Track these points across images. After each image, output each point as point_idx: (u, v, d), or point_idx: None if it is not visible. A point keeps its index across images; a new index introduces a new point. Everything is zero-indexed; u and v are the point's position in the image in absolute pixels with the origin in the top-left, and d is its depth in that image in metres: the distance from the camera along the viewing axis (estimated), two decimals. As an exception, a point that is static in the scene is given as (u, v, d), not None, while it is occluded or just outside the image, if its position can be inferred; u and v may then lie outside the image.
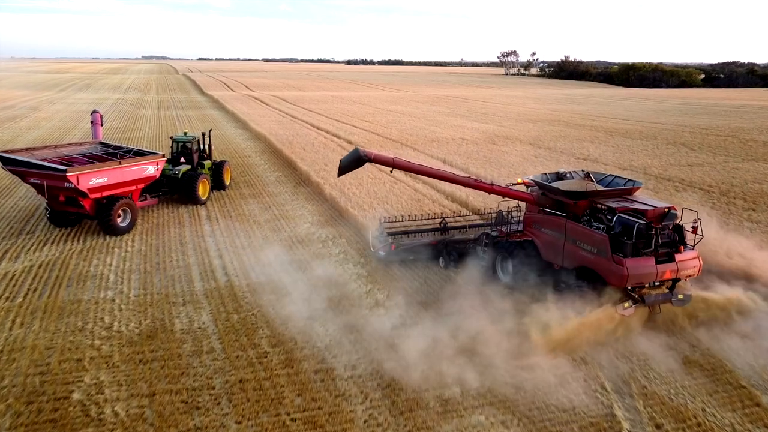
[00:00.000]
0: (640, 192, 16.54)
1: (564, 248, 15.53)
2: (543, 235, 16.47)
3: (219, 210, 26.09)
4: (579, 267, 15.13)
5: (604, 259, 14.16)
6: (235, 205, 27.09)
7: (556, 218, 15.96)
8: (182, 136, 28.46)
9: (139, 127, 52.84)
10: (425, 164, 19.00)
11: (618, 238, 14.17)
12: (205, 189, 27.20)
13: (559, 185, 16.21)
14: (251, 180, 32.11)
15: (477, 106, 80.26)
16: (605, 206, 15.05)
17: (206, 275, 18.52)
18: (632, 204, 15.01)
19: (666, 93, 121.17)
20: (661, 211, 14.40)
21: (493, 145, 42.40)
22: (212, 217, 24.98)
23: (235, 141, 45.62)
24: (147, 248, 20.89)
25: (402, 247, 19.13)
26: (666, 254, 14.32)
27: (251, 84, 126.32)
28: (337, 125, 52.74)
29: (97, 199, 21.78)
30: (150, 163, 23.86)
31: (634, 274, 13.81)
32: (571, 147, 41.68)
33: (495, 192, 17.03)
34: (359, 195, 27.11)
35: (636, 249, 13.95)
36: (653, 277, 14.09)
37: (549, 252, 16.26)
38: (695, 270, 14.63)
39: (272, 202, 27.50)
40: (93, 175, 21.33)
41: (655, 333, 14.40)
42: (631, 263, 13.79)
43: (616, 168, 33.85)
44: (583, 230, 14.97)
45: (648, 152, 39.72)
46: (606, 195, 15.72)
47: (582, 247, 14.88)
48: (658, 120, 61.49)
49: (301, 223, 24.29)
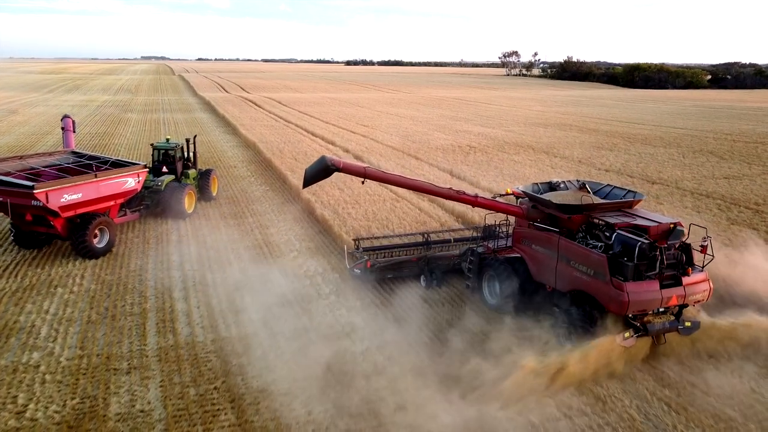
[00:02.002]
0: (642, 204, 14.91)
1: (557, 268, 13.87)
2: (534, 253, 14.75)
3: (193, 233, 22.45)
4: (574, 290, 13.46)
5: (602, 283, 12.56)
6: (212, 226, 23.45)
7: (547, 234, 14.30)
8: (164, 143, 25.43)
9: (121, 132, 49.10)
10: (401, 174, 16.28)
11: (617, 259, 12.56)
12: (191, 201, 24.41)
13: (551, 197, 14.56)
14: (235, 195, 28.45)
15: (481, 108, 76.65)
16: (603, 222, 13.54)
17: (164, 327, 14.88)
18: (633, 219, 13.44)
19: (674, 94, 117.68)
20: (665, 228, 12.87)
21: (503, 153, 38.74)
22: (184, 242, 21.33)
23: (221, 148, 41.92)
24: (98, 287, 17.24)
25: (379, 264, 17.27)
26: (672, 277, 12.71)
27: (247, 85, 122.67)
28: (334, 131, 49.07)
29: (70, 217, 19.05)
30: (130, 175, 21.04)
31: (636, 300, 12.19)
32: (589, 156, 38.03)
33: (479, 205, 15.09)
34: (355, 216, 23.48)
35: (638, 271, 12.40)
36: (657, 304, 12.46)
37: (540, 272, 14.56)
38: (705, 294, 12.98)
39: (255, 224, 23.85)
40: (64, 191, 18.50)
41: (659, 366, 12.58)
42: (632, 288, 12.21)
43: (644, 182, 30.23)
44: (577, 249, 13.33)
45: (675, 162, 36.07)
46: (603, 209, 14.08)
47: (577, 267, 13.24)
48: (675, 124, 57.88)
49: (287, 251, 20.68)
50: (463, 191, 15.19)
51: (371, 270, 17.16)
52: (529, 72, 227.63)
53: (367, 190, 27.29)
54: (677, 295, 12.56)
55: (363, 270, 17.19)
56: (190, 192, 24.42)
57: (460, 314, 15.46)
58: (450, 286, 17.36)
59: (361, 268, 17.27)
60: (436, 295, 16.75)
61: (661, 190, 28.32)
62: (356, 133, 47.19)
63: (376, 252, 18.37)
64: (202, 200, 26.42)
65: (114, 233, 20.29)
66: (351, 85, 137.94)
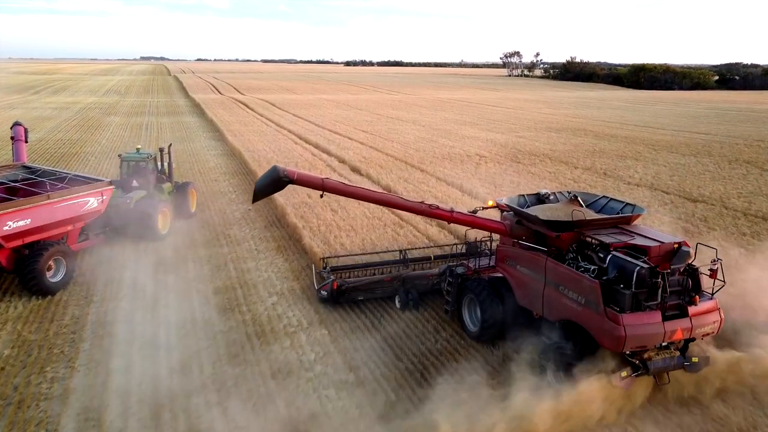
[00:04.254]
0: (640, 220, 13.49)
1: (544, 294, 12.27)
2: (519, 275, 13.18)
3: (154, 267, 18.43)
4: (563, 320, 11.78)
5: (595, 314, 10.94)
6: (179, 259, 19.44)
7: (533, 254, 12.72)
8: (134, 154, 22.10)
9: (96, 138, 44.93)
10: (364, 187, 14.36)
11: (612, 286, 10.91)
12: (165, 220, 21.25)
13: (538, 212, 13.01)
14: (211, 216, 24.40)
15: (486, 111, 72.67)
16: (596, 241, 11.90)
17: (87, 421, 10.88)
18: (631, 238, 11.84)
19: (683, 96, 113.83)
20: (668, 248, 11.29)
21: (518, 164, 34.69)
22: (139, 283, 17.30)
23: (203, 158, 37.79)
24: (13, 352, 13.22)
25: (347, 285, 15.70)
26: (676, 307, 11.11)
27: (241, 86, 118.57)
28: (329, 137, 45.01)
29: (17, 248, 16.14)
30: (92, 194, 18.09)
31: (634, 335, 10.54)
32: (614, 167, 34.01)
33: (455, 221, 13.50)
34: (350, 246, 19.50)
35: (636, 301, 10.79)
36: (659, 339, 10.82)
37: (525, 296, 13.02)
38: (715, 326, 11.33)
39: (231, 256, 19.83)
40: (9, 216, 15.58)
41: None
42: (630, 320, 10.58)
43: (683, 200, 26.25)
44: (566, 272, 11.73)
45: (712, 174, 32.07)
46: (597, 225, 12.54)
47: (566, 294, 11.65)
48: (697, 129, 53.91)
49: (267, 295, 16.70)
50: (437, 205, 13.27)
51: (338, 292, 15.50)
52: (531, 72, 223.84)
53: (365, 213, 23.28)
54: (682, 328, 10.87)
55: (329, 292, 15.54)
56: (164, 210, 21.18)
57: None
58: (429, 309, 15.37)
59: (327, 290, 15.62)
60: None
61: (707, 211, 24.31)
62: (354, 140, 43.14)
63: (347, 271, 16.81)
64: (179, 218, 22.94)
65: (73, 264, 17.13)
66: (350, 86, 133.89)
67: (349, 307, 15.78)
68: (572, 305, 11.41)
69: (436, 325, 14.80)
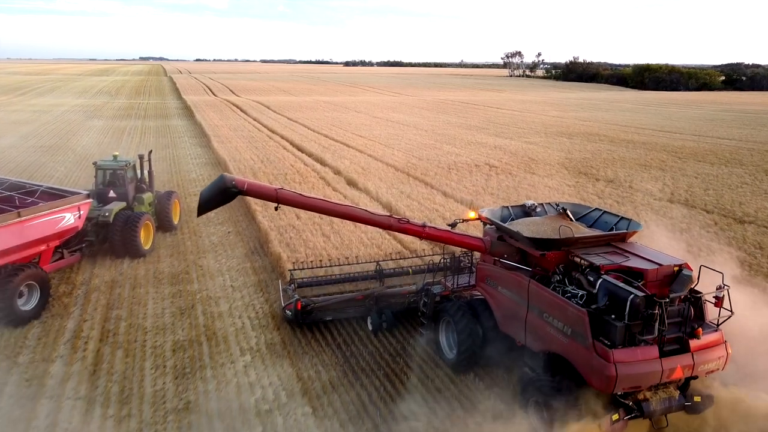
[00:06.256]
0: (636, 236, 11.53)
1: (527, 320, 10.75)
2: (499, 297, 11.76)
3: (102, 313, 15.12)
4: (547, 352, 10.20)
5: (582, 348, 9.28)
6: (136, 298, 16.15)
7: (516, 275, 11.24)
8: (111, 162, 20.23)
9: (71, 145, 41.38)
10: (325, 198, 12.54)
11: (602, 316, 9.25)
12: (148, 234, 19.51)
13: (521, 227, 11.64)
14: (183, 240, 21.04)
15: (491, 114, 69.32)
16: (586, 262, 10.23)
17: None
18: (626, 259, 10.22)
19: (692, 97, 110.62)
20: (667, 272, 9.66)
21: (532, 175, 31.30)
22: (80, 337, 13.99)
23: (185, 168, 34.36)
24: None
25: (313, 304, 14.15)
26: (676, 340, 9.38)
27: (237, 87, 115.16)
28: (325, 143, 41.60)
29: None
30: (68, 209, 16.19)
31: (627, 375, 8.89)
32: (639, 178, 30.65)
33: (429, 237, 12.20)
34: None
35: (629, 334, 9.06)
36: (656, 378, 9.13)
37: (507, 321, 11.59)
38: (720, 362, 9.60)
39: (201, 295, 16.47)
40: None
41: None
42: (622, 356, 8.91)
43: (728, 220, 22.92)
44: (551, 298, 10.11)
45: (751, 188, 28.71)
46: (587, 243, 10.97)
47: (551, 322, 10.03)
48: (717, 133, 50.58)
49: (239, 352, 13.41)
50: (407, 219, 12.16)
51: (303, 312, 13.96)
52: (533, 73, 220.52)
53: (362, 238, 19.92)
54: (683, 365, 9.45)
55: (294, 311, 14.00)
56: (146, 222, 19.34)
57: None
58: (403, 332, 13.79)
59: (291, 310, 14.08)
60: None
61: (760, 235, 20.95)
62: (351, 147, 39.73)
63: (315, 287, 15.52)
64: (160, 230, 20.83)
65: (47, 288, 15.35)
66: (348, 87, 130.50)
67: (341, 374, 12.45)
68: (557, 336, 9.95)
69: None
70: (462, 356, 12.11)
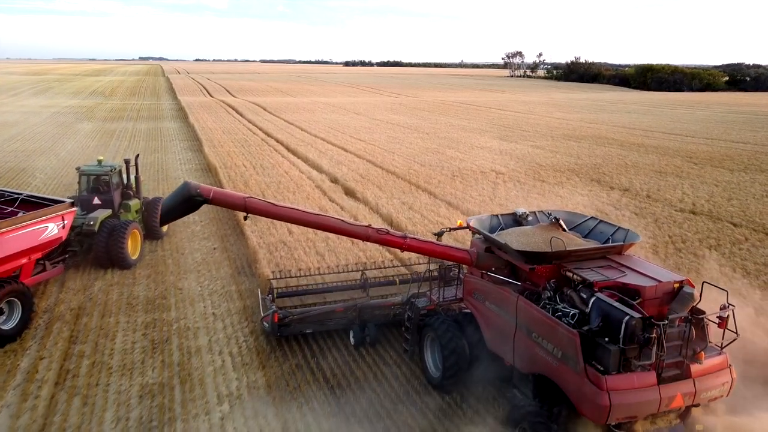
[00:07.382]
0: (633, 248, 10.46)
1: (515, 339, 9.86)
2: (487, 313, 10.76)
3: (62, 350, 13.34)
4: (537, 374, 9.39)
5: (573, 373, 8.52)
6: (104, 329, 14.34)
7: (503, 290, 10.29)
8: (95, 167, 19.28)
9: (55, 149, 39.45)
10: (296, 207, 11.30)
11: (595, 339, 8.47)
12: (135, 244, 18.43)
13: (510, 238, 10.57)
14: (164, 258, 19.18)
15: (494, 115, 67.47)
16: (578, 277, 9.37)
17: None
18: (622, 274, 9.37)
19: (696, 98, 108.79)
20: (667, 289, 8.83)
21: (542, 182, 29.43)
22: (33, 380, 12.16)
23: (173, 174, 32.46)
24: None
25: (291, 317, 13.24)
26: (676, 365, 8.58)
27: (234, 88, 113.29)
28: (322, 148, 39.72)
29: None
30: (51, 218, 15.08)
31: (621, 404, 8.10)
32: (656, 186, 28.79)
33: (410, 249, 11.12)
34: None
35: (625, 359, 8.27)
36: (654, 407, 8.33)
37: (495, 339, 10.61)
38: (725, 388, 8.79)
39: (178, 325, 14.62)
40: None
41: None
42: (616, 384, 8.15)
43: (758, 234, 21.04)
44: (540, 317, 9.25)
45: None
46: (581, 256, 9.98)
47: (540, 343, 9.23)
48: (731, 137, 48.71)
49: (216, 400, 11.61)
50: (387, 230, 11.31)
51: (281, 324, 13.16)
52: (534, 73, 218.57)
53: (362, 256, 18.05)
54: (683, 392, 8.50)
55: (271, 324, 13.19)
56: (134, 231, 18.27)
57: None
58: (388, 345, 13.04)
59: (269, 322, 13.29)
60: None
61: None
62: (349, 152, 37.84)
63: (298, 297, 14.80)
64: (147, 238, 19.59)
65: (30, 305, 14.24)
66: (348, 87, 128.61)
67: (333, 426, 10.57)
68: (546, 358, 9.20)
69: None
70: (448, 376, 11.39)
